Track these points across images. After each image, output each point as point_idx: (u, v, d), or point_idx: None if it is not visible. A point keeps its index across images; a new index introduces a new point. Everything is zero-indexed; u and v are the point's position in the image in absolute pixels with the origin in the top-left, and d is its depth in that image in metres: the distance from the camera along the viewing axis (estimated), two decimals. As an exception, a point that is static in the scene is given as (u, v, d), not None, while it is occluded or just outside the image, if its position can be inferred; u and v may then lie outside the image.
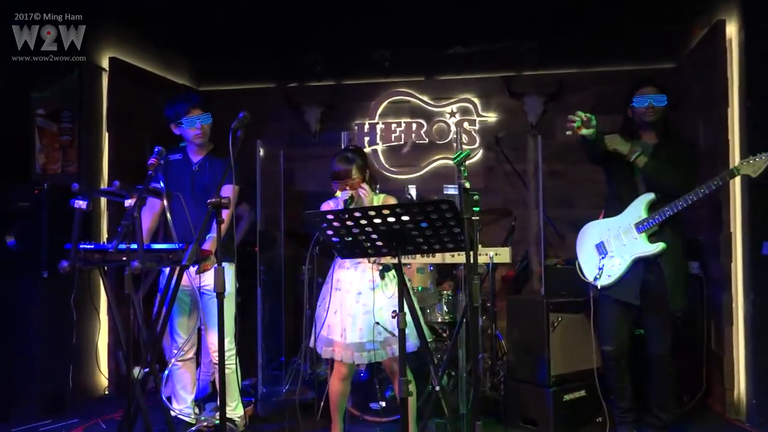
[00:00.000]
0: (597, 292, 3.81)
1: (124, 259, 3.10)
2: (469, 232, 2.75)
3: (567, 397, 4.17)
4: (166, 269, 3.64)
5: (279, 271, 5.61)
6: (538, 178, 5.48)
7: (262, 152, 5.28)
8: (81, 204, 3.14)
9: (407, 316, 2.88)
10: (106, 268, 3.45)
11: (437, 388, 3.14)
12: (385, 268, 3.56)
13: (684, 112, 5.19)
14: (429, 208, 2.58)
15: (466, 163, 3.00)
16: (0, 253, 4.50)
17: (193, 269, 3.50)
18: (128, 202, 3.10)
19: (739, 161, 3.45)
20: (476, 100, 6.16)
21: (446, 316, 4.71)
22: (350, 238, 2.76)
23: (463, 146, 5.93)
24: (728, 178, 3.49)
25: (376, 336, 3.53)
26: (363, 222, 2.66)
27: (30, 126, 5.05)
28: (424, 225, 2.65)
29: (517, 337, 4.41)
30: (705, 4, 4.89)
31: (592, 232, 3.90)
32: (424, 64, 6.24)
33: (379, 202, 3.71)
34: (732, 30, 4.53)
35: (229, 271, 3.82)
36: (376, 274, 3.61)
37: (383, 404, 4.34)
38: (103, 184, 5.15)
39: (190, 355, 3.99)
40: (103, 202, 5.17)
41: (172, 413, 3.89)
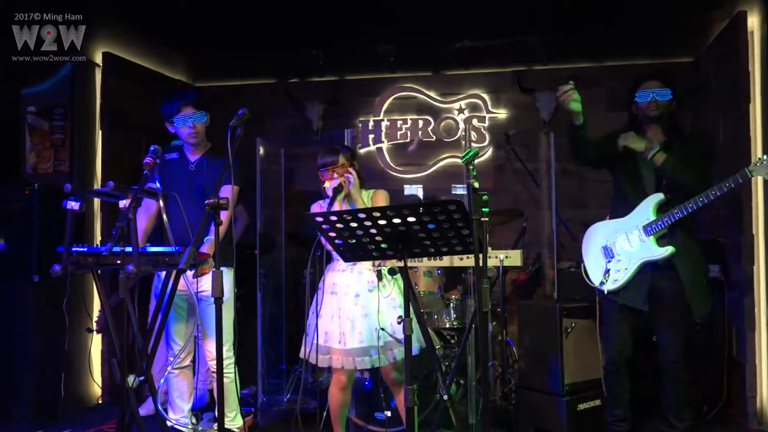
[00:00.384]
0: (602, 296, 3.80)
1: (119, 262, 3.11)
2: (478, 234, 2.75)
3: (581, 407, 4.16)
4: (162, 273, 3.66)
5: (280, 275, 5.62)
6: (551, 178, 5.47)
7: (262, 151, 5.29)
8: (73, 205, 3.15)
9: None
10: (100, 272, 3.46)
11: (445, 397, 3.14)
12: (390, 272, 3.57)
13: (703, 108, 5.17)
14: (436, 209, 2.58)
15: (475, 161, 3.00)
16: (-11, 256, 4.52)
17: (190, 273, 3.50)
18: (123, 203, 3.11)
19: (753, 163, 3.43)
20: (486, 96, 6.16)
21: (454, 322, 4.71)
22: (353, 241, 2.77)
23: (472, 144, 5.93)
24: (741, 180, 3.46)
25: (376, 341, 3.53)
26: (367, 223, 2.66)
27: (20, 124, 5.07)
28: (431, 226, 2.65)
29: (528, 344, 4.41)
30: (725, -5, 4.89)
31: (598, 234, 3.89)
32: (431, 59, 6.25)
33: (368, 198, 3.73)
34: (754, 22, 4.52)
35: (228, 276, 3.82)
36: (374, 276, 3.62)
37: (388, 413, 4.34)
38: (97, 185, 5.17)
39: (187, 362, 4.00)
40: (97, 203, 5.19)
41: (169, 423, 3.90)
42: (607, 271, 3.75)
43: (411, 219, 2.62)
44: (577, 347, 4.18)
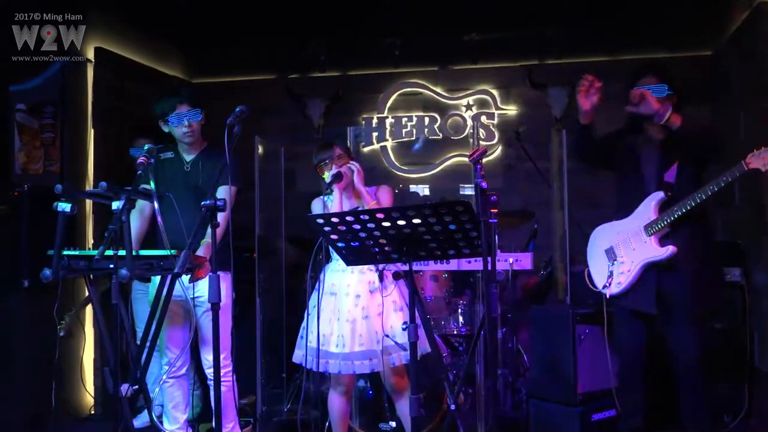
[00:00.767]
0: (609, 301, 3.79)
1: (112, 266, 3.12)
2: (486, 237, 2.75)
3: (596, 417, 4.16)
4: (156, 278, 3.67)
5: (280, 279, 5.63)
6: (563, 177, 5.46)
7: (260, 150, 5.29)
8: (65, 207, 3.16)
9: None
10: (92, 277, 3.47)
11: (452, 408, 3.14)
12: (395, 276, 3.57)
13: (722, 104, 5.17)
14: (443, 210, 2.59)
15: (484, 160, 3.01)
16: (-23, 260, 4.53)
17: (186, 278, 3.51)
18: (116, 205, 3.12)
19: (748, 155, 3.40)
20: (495, 92, 6.16)
21: (462, 329, 4.72)
22: (357, 244, 2.78)
23: (481, 142, 5.93)
24: (737, 173, 3.43)
25: (377, 345, 3.53)
26: (370, 226, 2.67)
27: (8, 122, 5.09)
28: (437, 229, 2.65)
29: (540, 352, 4.40)
30: (746, -15, 4.88)
31: (602, 236, 3.90)
32: (438, 53, 6.25)
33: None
34: (776, 13, 4.52)
35: (225, 280, 3.83)
36: (375, 276, 3.62)
37: (393, 424, 4.34)
38: (89, 186, 5.18)
39: (183, 371, 4.00)
40: (89, 204, 5.20)
41: (164, 435, 3.90)
42: (610, 275, 3.74)
43: (416, 221, 2.62)
44: (592, 355, 4.18)
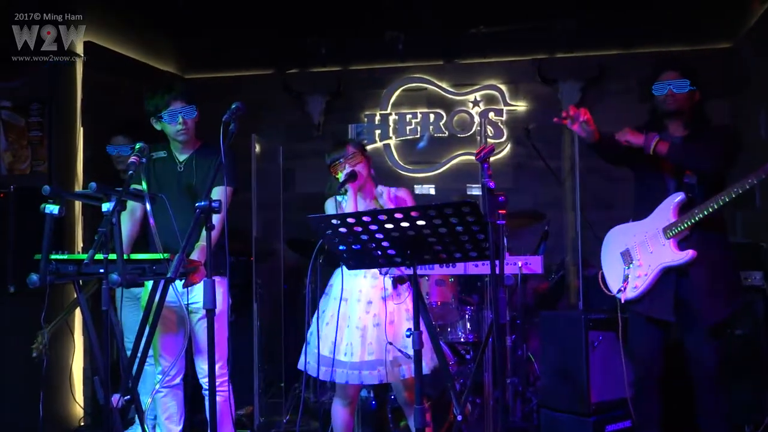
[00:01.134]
0: (624, 306, 3.78)
1: (102, 271, 3.12)
2: (494, 239, 2.75)
3: (610, 428, 4.15)
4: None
5: (278, 284, 5.63)
6: (575, 176, 5.46)
7: (258, 148, 5.30)
8: (53, 209, 3.16)
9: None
10: (82, 282, 3.47)
11: (459, 418, 3.14)
12: (399, 280, 3.58)
13: (741, 99, 5.16)
14: (448, 211, 2.59)
15: (492, 159, 3.01)
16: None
17: (180, 283, 3.52)
18: (106, 207, 3.13)
19: None
20: (503, 87, 6.16)
21: (469, 335, 4.71)
22: (358, 246, 2.78)
23: (488, 140, 5.93)
24: (763, 175, 3.43)
25: (387, 354, 3.53)
26: (372, 227, 2.67)
27: (-6, 121, 5.10)
28: (442, 231, 2.65)
29: (551, 359, 4.40)
30: (766, -26, 4.88)
31: (617, 239, 3.89)
32: (444, 46, 6.25)
33: (388, 197, 3.75)
34: (798, 4, 4.51)
35: (221, 285, 3.83)
36: (388, 282, 3.62)
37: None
38: (78, 186, 5.19)
39: (177, 380, 4.00)
40: (78, 206, 5.21)
41: (157, 447, 3.91)
42: (626, 278, 3.74)
43: (420, 222, 2.62)
44: (605, 363, 4.18)
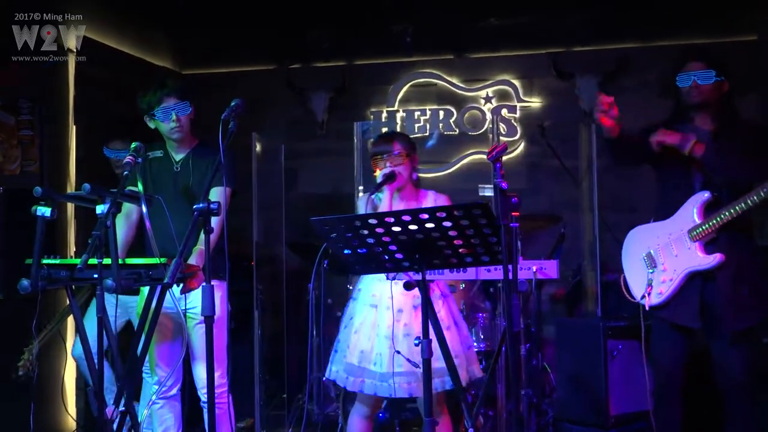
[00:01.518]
0: (647, 313, 3.78)
1: (96, 276, 3.14)
2: (507, 242, 2.76)
3: (630, 442, 4.16)
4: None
5: (280, 290, 5.64)
6: (593, 176, 5.46)
7: (258, 147, 5.31)
8: (44, 211, 3.18)
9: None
10: (75, 288, 3.49)
11: (471, 431, 3.14)
12: (407, 286, 3.58)
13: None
14: (458, 213, 2.59)
15: (504, 158, 3.01)
16: (-52, 270, 4.57)
17: (177, 288, 3.53)
18: (100, 209, 3.14)
19: None
20: (517, 82, 6.16)
21: (481, 344, 4.72)
22: (364, 250, 2.78)
23: (501, 138, 5.93)
24: None
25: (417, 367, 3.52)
26: (379, 230, 2.68)
27: (-18, 119, 5.13)
28: (452, 234, 2.66)
29: (568, 369, 4.40)
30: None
31: (639, 240, 3.87)
32: (454, 40, 6.25)
33: (431, 202, 3.76)
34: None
35: (220, 291, 3.84)
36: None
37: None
38: (71, 188, 5.21)
39: (174, 391, 4.01)
40: (71, 208, 5.23)
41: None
42: (649, 283, 3.73)
43: (429, 225, 2.63)
44: (625, 373, 4.17)
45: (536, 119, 6.02)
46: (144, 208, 3.37)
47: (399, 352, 3.52)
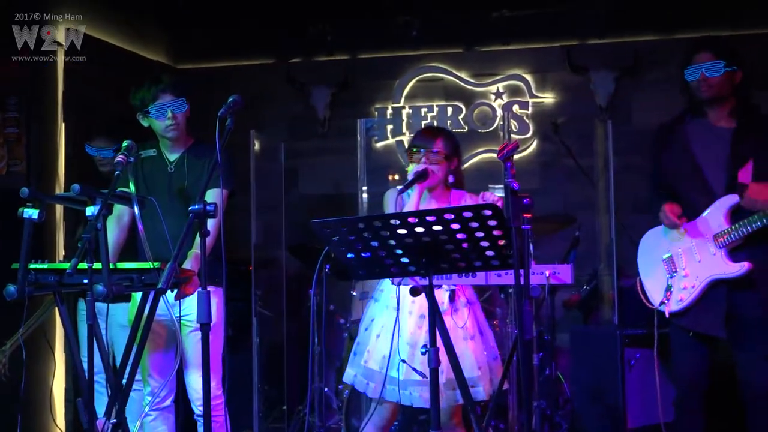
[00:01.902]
0: (666, 320, 3.77)
1: (86, 281, 3.14)
2: (519, 246, 2.75)
3: (648, 457, 4.16)
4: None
5: (279, 296, 5.65)
6: (609, 176, 5.45)
7: (257, 146, 5.32)
8: (32, 214, 3.18)
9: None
10: (63, 294, 3.49)
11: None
12: (413, 292, 3.57)
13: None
14: (467, 215, 2.59)
15: (516, 157, 3.01)
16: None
17: (171, 294, 3.53)
18: (90, 211, 3.14)
19: None
20: (529, 77, 6.16)
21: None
22: (368, 254, 2.78)
23: (512, 136, 5.93)
24: None
25: (441, 375, 3.50)
26: (384, 233, 2.67)
27: (-34, 117, 5.15)
28: (461, 236, 2.65)
29: (583, 380, 4.40)
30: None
31: (658, 242, 3.86)
32: (462, 32, 6.26)
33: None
34: None
35: (216, 297, 3.85)
36: (445, 296, 3.60)
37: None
38: (60, 189, 5.22)
39: (168, 402, 4.02)
40: (60, 210, 5.24)
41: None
42: (669, 289, 3.71)
43: (437, 227, 2.63)
44: (643, 383, 4.17)
45: (549, 116, 6.02)
46: (136, 210, 3.37)
47: (404, 361, 3.52)
